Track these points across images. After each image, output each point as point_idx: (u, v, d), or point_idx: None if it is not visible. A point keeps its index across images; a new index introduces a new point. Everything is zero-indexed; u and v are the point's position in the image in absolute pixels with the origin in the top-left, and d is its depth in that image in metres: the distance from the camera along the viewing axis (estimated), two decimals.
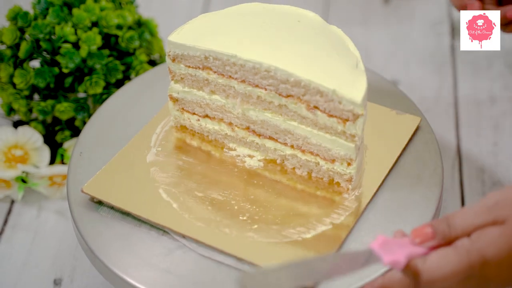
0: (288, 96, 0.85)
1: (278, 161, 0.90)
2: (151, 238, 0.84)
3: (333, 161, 0.86)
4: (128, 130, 0.95)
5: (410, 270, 0.71)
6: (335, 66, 0.83)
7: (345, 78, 0.82)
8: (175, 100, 0.93)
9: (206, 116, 0.92)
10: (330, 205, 0.85)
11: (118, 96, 1.00)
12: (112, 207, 0.86)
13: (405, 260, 0.70)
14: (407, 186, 0.87)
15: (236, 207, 0.85)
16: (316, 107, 0.83)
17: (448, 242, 0.71)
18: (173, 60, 0.90)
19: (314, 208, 0.85)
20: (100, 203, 0.87)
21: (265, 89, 0.86)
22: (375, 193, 0.86)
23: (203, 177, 0.89)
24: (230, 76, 0.87)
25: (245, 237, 0.82)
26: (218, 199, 0.86)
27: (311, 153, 0.87)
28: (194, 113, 0.93)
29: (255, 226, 0.83)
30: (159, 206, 0.85)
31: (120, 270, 0.81)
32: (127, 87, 1.01)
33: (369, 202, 0.85)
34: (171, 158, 0.91)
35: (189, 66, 0.89)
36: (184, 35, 0.88)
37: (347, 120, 0.82)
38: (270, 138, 0.89)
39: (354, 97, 0.80)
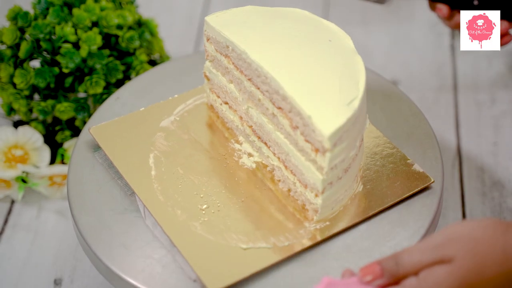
0: (278, 108, 0.84)
1: (268, 169, 0.89)
2: (120, 193, 0.88)
3: (305, 186, 0.84)
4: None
5: None
6: (329, 95, 0.80)
7: (330, 109, 0.79)
8: (208, 79, 0.95)
9: (226, 103, 0.93)
10: (289, 227, 0.83)
11: (118, 96, 1.00)
12: (105, 155, 0.90)
13: None
14: (385, 233, 0.83)
15: (202, 195, 0.86)
16: (297, 127, 0.82)
17: (396, 280, 0.71)
18: (207, 40, 0.92)
19: (271, 224, 0.84)
20: (99, 147, 0.91)
21: (263, 94, 0.86)
22: (334, 234, 0.82)
23: (195, 157, 0.90)
24: (242, 72, 0.88)
25: (189, 225, 0.83)
26: (192, 182, 0.87)
27: (291, 171, 0.85)
28: (218, 97, 0.94)
29: (206, 219, 0.84)
30: (140, 168, 0.88)
31: (121, 270, 0.81)
32: (127, 87, 1.01)
33: (323, 240, 0.82)
34: (180, 130, 0.93)
35: (216, 50, 0.91)
36: (219, 19, 0.90)
37: (318, 150, 0.80)
38: (265, 143, 0.89)
39: (324, 129, 0.77)
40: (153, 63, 1.15)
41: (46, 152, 1.08)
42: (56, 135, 1.10)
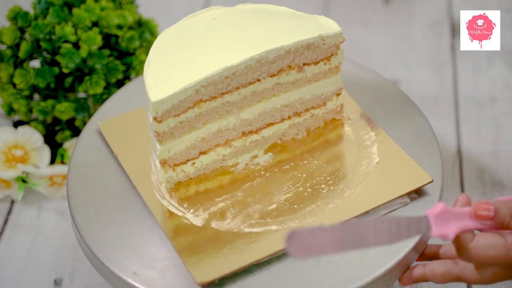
0: (279, 71, 0.88)
1: (278, 142, 0.93)
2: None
3: (325, 103, 0.94)
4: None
5: (458, 243, 0.72)
6: (302, 25, 0.89)
7: (317, 27, 0.89)
8: (164, 162, 0.87)
9: (201, 153, 0.89)
10: (351, 138, 0.92)
11: (118, 96, 1.00)
12: (226, 277, 0.81)
13: (454, 235, 0.71)
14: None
15: (309, 190, 0.87)
16: (305, 64, 0.89)
17: (501, 228, 0.72)
18: (160, 121, 0.84)
19: (343, 149, 0.91)
20: (220, 283, 0.80)
21: (259, 80, 0.87)
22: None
23: (255, 197, 0.87)
24: (223, 93, 0.86)
25: (351, 196, 0.86)
26: (293, 194, 0.87)
27: (307, 110, 0.93)
28: (188, 160, 0.89)
29: (345, 191, 0.86)
30: (262, 241, 0.82)
31: (120, 270, 0.81)
32: (127, 87, 1.01)
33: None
34: (214, 207, 0.87)
35: (177, 115, 0.85)
36: (162, 88, 0.84)
37: (331, 55, 0.90)
38: (268, 125, 0.91)
39: (334, 30, 0.89)
40: None
41: (46, 152, 1.08)
42: (56, 135, 1.10)
